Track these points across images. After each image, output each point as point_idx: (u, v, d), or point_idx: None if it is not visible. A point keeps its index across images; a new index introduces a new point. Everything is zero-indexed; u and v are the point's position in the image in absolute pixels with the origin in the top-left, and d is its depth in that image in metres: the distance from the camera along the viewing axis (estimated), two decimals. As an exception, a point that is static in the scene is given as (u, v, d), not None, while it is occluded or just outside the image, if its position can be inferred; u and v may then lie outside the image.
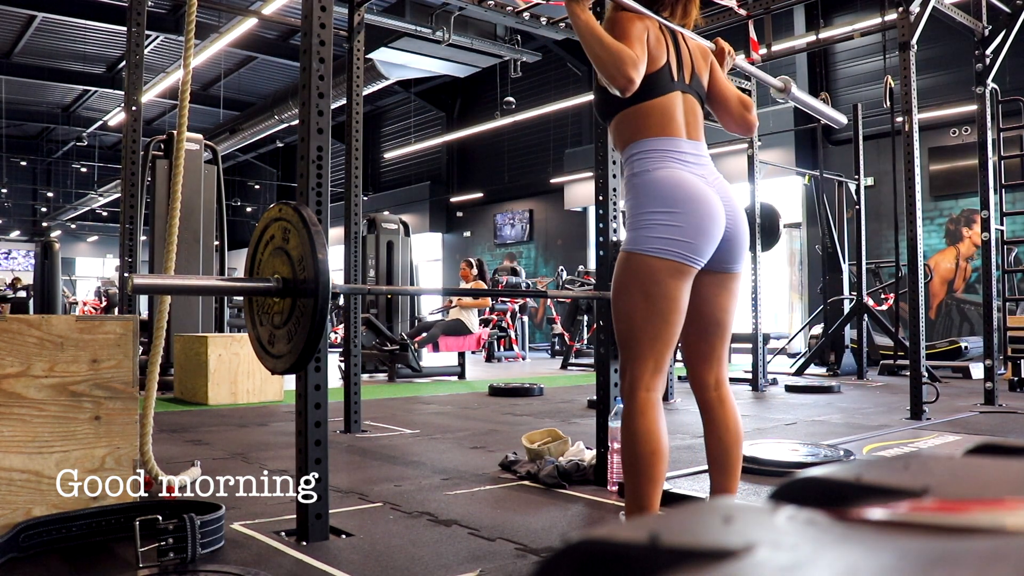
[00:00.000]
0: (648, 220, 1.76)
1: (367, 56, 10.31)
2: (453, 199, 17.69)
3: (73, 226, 26.34)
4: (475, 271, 8.38)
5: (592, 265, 12.61)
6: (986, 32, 5.25)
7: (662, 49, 1.86)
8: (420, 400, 5.93)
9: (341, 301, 5.62)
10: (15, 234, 26.00)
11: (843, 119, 2.66)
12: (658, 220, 1.75)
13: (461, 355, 7.96)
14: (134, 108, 4.28)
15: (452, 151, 17.83)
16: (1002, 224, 5.56)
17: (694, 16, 1.99)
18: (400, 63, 11.78)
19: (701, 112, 1.94)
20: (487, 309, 11.16)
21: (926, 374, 4.67)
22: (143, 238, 6.62)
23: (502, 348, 11.42)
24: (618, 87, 1.74)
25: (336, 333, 11.44)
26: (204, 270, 6.77)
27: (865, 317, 7.49)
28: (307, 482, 2.10)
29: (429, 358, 8.07)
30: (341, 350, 6.79)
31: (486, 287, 8.34)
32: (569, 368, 9.43)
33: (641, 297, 1.76)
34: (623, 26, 1.80)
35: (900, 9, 4.67)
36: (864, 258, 7.59)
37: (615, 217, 2.85)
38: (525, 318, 12.15)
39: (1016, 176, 7.58)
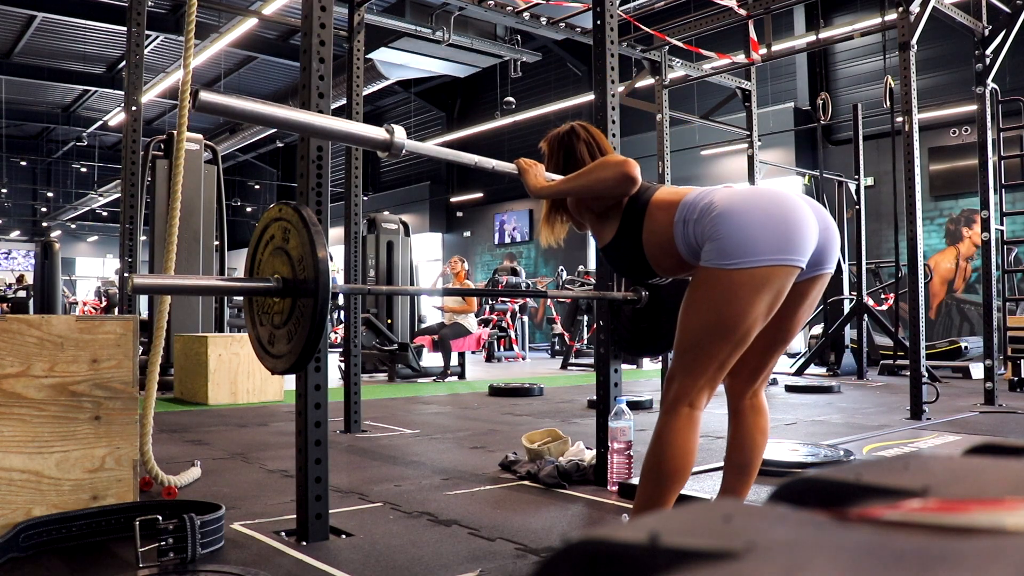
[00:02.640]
0: (729, 233, 1.59)
1: (367, 56, 10.31)
2: (453, 199, 17.70)
3: (73, 226, 26.35)
4: (467, 267, 8.36)
5: (592, 265, 12.61)
6: (986, 32, 5.25)
7: None
8: (420, 400, 5.93)
9: (341, 301, 5.62)
10: (15, 234, 26.00)
11: None
12: (741, 228, 1.58)
13: (461, 355, 7.96)
14: (134, 108, 4.28)
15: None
16: (1002, 224, 5.56)
17: None
18: (400, 63, 11.79)
19: None
20: (486, 309, 11.17)
21: (926, 374, 4.67)
22: (143, 238, 6.62)
23: (502, 348, 11.43)
24: (630, 176, 1.75)
25: (336, 333, 11.44)
26: (204, 270, 6.77)
27: (865, 317, 7.50)
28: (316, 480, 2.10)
29: (429, 358, 8.06)
30: (341, 350, 6.78)
31: (472, 285, 8.34)
32: (569, 368, 9.43)
33: (714, 316, 1.63)
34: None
35: (900, 9, 4.67)
36: (864, 258, 7.59)
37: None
38: (525, 318, 12.15)
39: (1016, 176, 7.59)
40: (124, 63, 8.77)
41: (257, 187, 23.36)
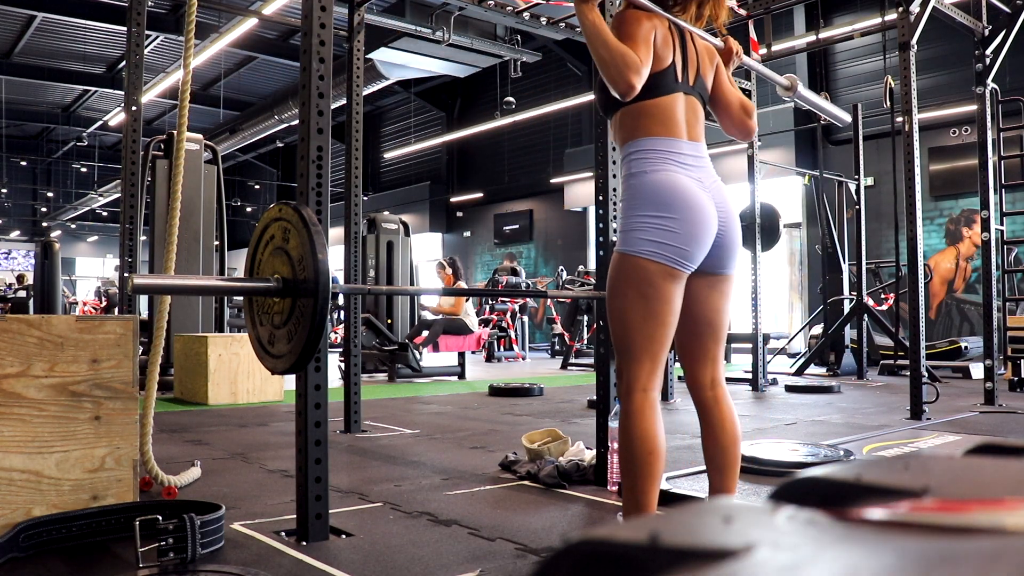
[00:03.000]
0: (641, 222, 1.77)
1: (367, 56, 10.31)
2: (453, 199, 17.69)
3: (73, 226, 26.35)
4: (450, 271, 8.34)
5: (592, 265, 12.61)
6: (986, 32, 5.25)
7: (668, 50, 1.85)
8: (420, 400, 5.93)
9: (341, 301, 5.62)
10: (15, 234, 26.00)
11: (847, 117, 2.65)
12: (650, 223, 1.76)
13: (461, 355, 7.96)
14: (134, 108, 4.28)
15: (452, 151, 17.83)
16: (1002, 224, 5.56)
17: (708, 16, 1.97)
18: (400, 63, 11.78)
19: (703, 114, 1.93)
20: (486, 309, 11.17)
21: (926, 374, 4.67)
22: (143, 238, 6.62)
23: (502, 348, 11.42)
24: (619, 91, 1.74)
25: (336, 333, 11.44)
26: (204, 270, 6.77)
27: (865, 317, 7.49)
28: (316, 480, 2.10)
29: (429, 358, 8.06)
30: (341, 350, 6.79)
31: (464, 286, 8.32)
32: (569, 368, 9.43)
33: (636, 297, 1.77)
34: (630, 26, 1.79)
35: (900, 9, 4.67)
36: (864, 258, 7.59)
37: (615, 217, 2.85)
38: (525, 318, 12.15)
39: (1016, 176, 7.58)
40: (124, 63, 8.78)
41: (257, 187, 23.35)
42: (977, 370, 7.05)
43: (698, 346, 1.92)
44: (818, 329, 8.52)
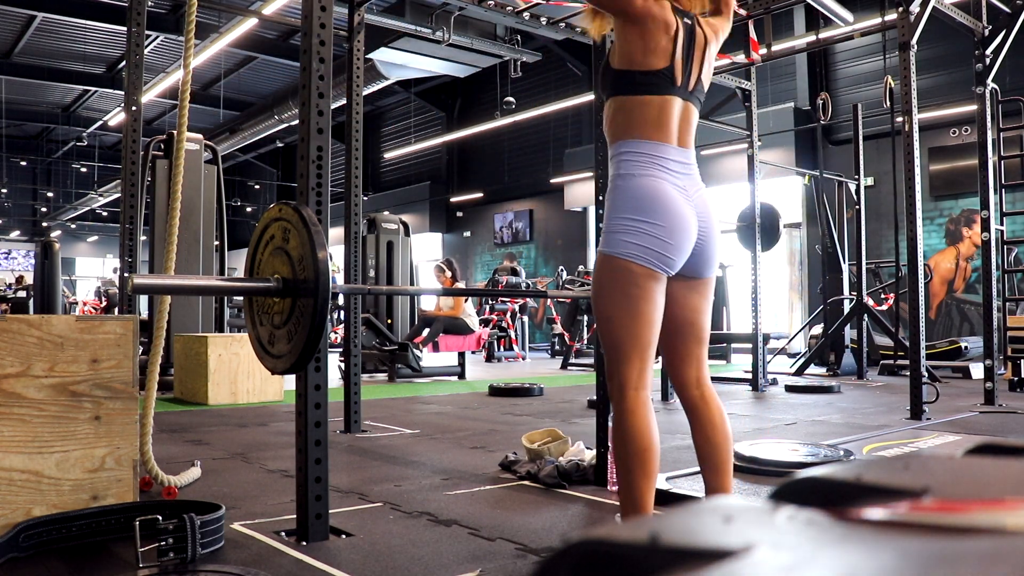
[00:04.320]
0: (625, 225, 1.78)
1: (367, 56, 10.31)
2: (453, 199, 17.70)
3: (73, 226, 26.35)
4: (449, 273, 8.34)
5: (592, 265, 12.60)
6: (986, 32, 5.25)
7: (669, 44, 1.80)
8: (420, 400, 5.93)
9: (341, 301, 5.62)
10: (15, 234, 26.00)
11: None
12: (634, 227, 1.78)
13: (461, 355, 7.96)
14: (134, 108, 4.28)
15: (452, 151, 17.83)
16: (1002, 224, 5.56)
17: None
18: (400, 63, 11.79)
19: (696, 120, 1.92)
20: (486, 309, 11.17)
21: (926, 374, 4.67)
22: (143, 238, 6.62)
23: (502, 348, 11.42)
24: (616, 6, 1.78)
25: (336, 333, 11.44)
26: (204, 270, 6.77)
27: (865, 317, 7.50)
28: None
29: (429, 358, 8.06)
30: (341, 350, 6.79)
31: (462, 286, 8.31)
32: (569, 368, 9.43)
33: (621, 298, 1.79)
34: None
35: (900, 9, 4.67)
36: (864, 258, 7.59)
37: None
38: (525, 318, 12.15)
39: (1016, 176, 7.59)
40: (124, 63, 8.78)
41: (257, 187, 23.35)
42: (977, 370, 7.05)
43: (680, 347, 1.94)
44: (818, 329, 8.52)
